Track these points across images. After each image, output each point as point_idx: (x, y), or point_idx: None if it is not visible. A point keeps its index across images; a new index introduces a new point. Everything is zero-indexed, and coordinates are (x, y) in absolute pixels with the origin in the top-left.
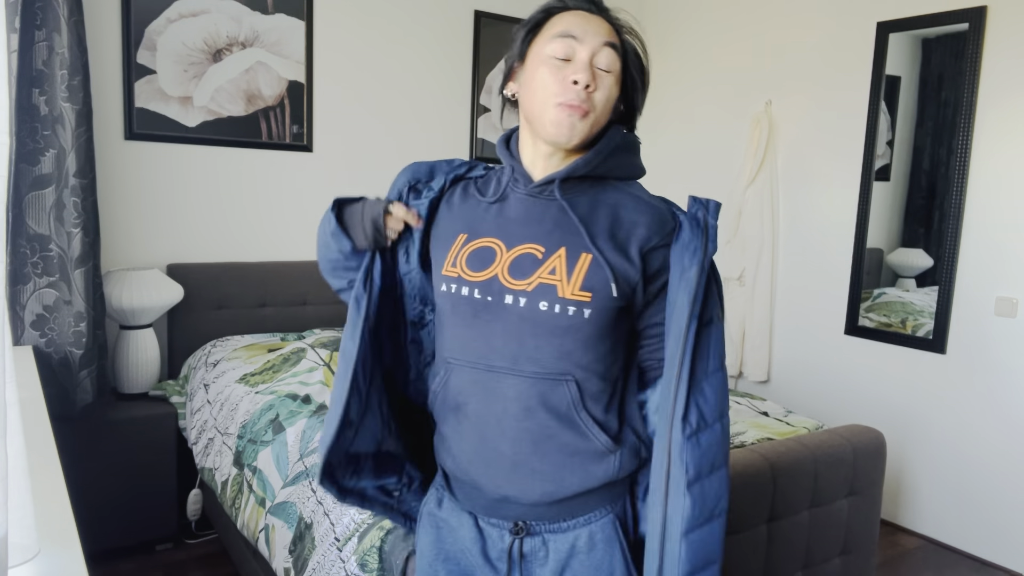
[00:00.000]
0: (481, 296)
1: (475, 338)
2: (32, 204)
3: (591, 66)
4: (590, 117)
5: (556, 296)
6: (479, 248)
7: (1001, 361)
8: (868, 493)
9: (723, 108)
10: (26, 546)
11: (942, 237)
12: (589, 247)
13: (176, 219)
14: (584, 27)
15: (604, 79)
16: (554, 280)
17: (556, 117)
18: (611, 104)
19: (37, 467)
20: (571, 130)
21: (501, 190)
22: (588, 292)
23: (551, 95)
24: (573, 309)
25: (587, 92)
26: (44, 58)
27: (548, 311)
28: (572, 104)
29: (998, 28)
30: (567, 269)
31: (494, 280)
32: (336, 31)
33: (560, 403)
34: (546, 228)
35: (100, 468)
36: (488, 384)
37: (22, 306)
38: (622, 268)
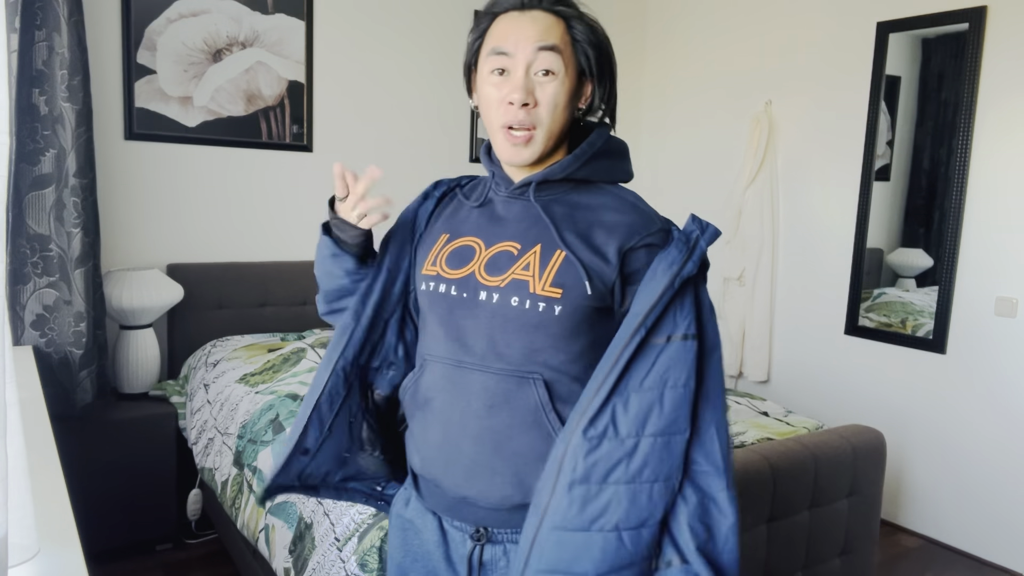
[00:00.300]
0: (457, 293)
1: (449, 334)
2: (32, 204)
3: (528, 78)
4: (537, 135)
5: (527, 292)
6: (459, 247)
7: (1001, 361)
8: (868, 493)
9: (723, 108)
10: (26, 546)
11: (942, 237)
12: (563, 245)
13: (176, 219)
14: (515, 36)
15: (546, 87)
16: (527, 276)
17: (502, 143)
18: (562, 107)
19: (37, 467)
20: (518, 156)
21: (485, 194)
22: (559, 288)
23: (495, 117)
24: (543, 305)
25: (527, 110)
26: (44, 58)
27: (519, 307)
28: (512, 127)
29: (998, 28)
30: (540, 265)
31: (471, 277)
32: (336, 31)
33: (526, 402)
34: (524, 226)
35: (100, 468)
36: (456, 380)
37: (22, 306)
38: (597, 267)
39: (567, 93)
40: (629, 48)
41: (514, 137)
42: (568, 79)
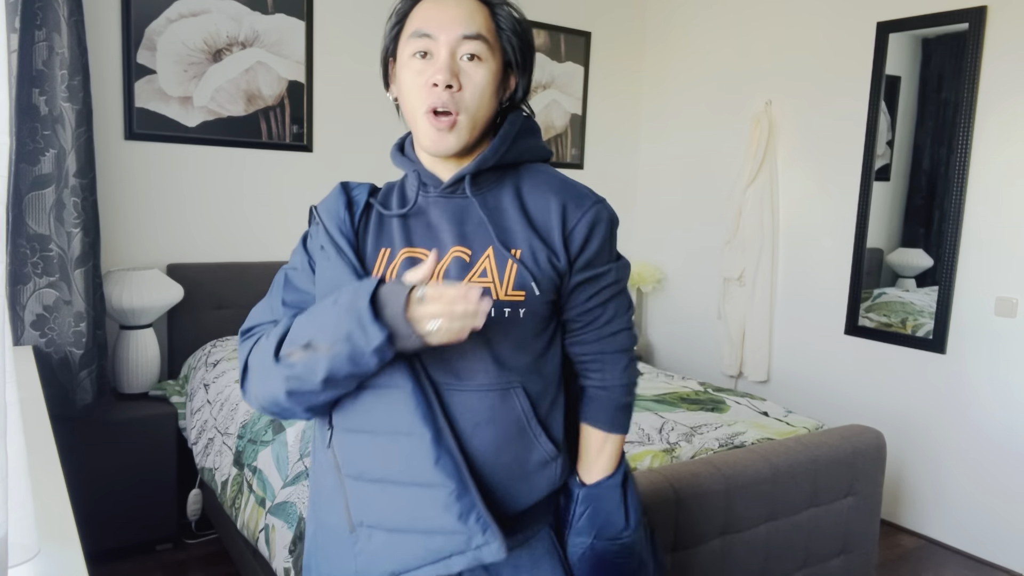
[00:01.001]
0: None
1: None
2: (32, 204)
3: (453, 61)
4: (461, 123)
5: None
6: (407, 259)
7: (1001, 361)
8: (868, 493)
9: (723, 108)
10: (26, 546)
11: (942, 237)
12: (518, 242)
13: (176, 219)
14: (440, 19)
15: (472, 72)
16: (486, 283)
17: (426, 128)
18: (488, 94)
19: (37, 467)
20: (443, 142)
21: (413, 198)
22: (521, 291)
23: (418, 102)
24: (509, 310)
25: (451, 93)
26: (44, 58)
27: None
28: (437, 110)
29: (998, 28)
30: (498, 269)
31: None
32: (336, 31)
33: (509, 413)
34: (469, 228)
35: (100, 468)
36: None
37: (22, 306)
38: (548, 258)
39: (494, 81)
40: (629, 48)
41: (439, 121)
42: (494, 66)
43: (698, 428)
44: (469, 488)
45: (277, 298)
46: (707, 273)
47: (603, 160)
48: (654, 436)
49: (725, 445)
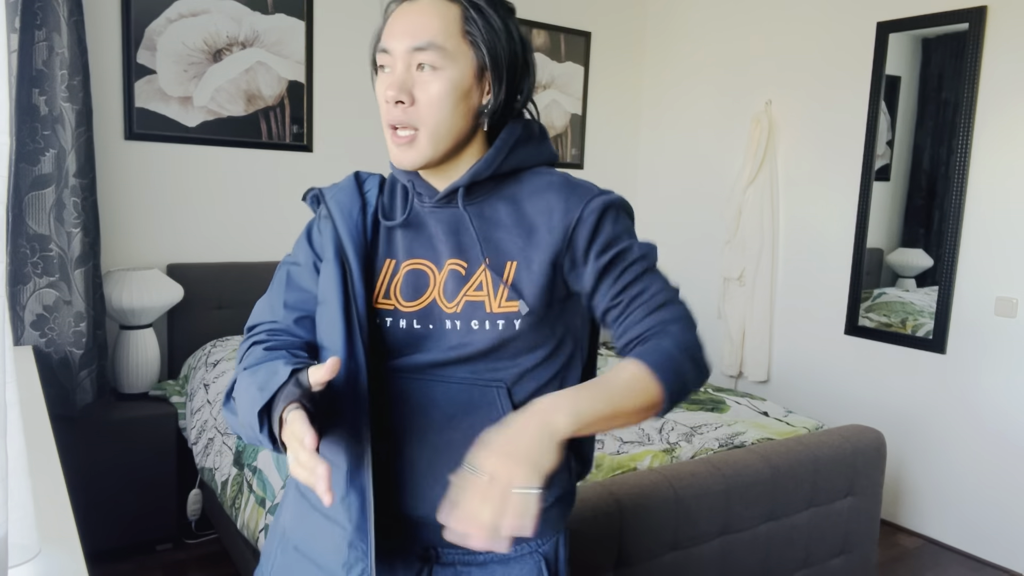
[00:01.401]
0: (421, 326)
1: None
2: (32, 204)
3: (407, 74)
4: (420, 138)
5: (484, 312)
6: (410, 271)
7: (1001, 361)
8: (868, 493)
9: (723, 108)
10: (26, 546)
11: (942, 237)
12: (513, 253)
13: (176, 219)
14: (395, 31)
15: (427, 85)
16: (480, 296)
17: (390, 146)
18: (449, 104)
19: (37, 467)
20: (403, 157)
21: (408, 206)
22: (515, 302)
23: (382, 118)
24: (503, 323)
25: (403, 108)
26: (44, 58)
27: (480, 330)
28: (394, 128)
29: (998, 28)
30: (492, 282)
31: (432, 306)
32: (336, 31)
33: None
34: (466, 240)
35: (100, 468)
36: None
37: (22, 306)
38: (549, 263)
39: (456, 91)
40: (629, 48)
41: (398, 138)
42: (457, 74)
43: (698, 428)
44: (366, 537)
45: (279, 298)
46: (707, 273)
47: (603, 160)
48: (654, 436)
49: (725, 445)
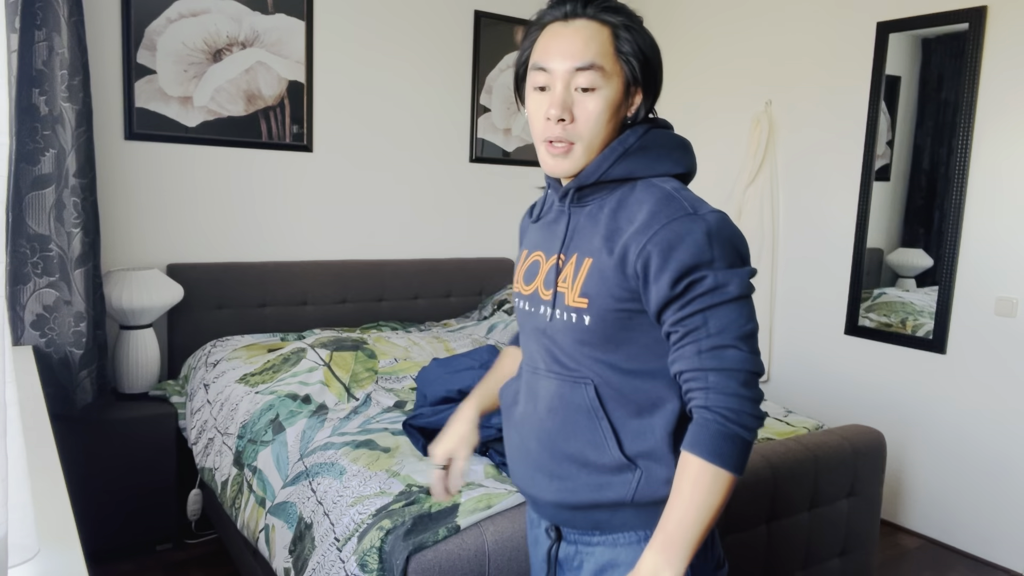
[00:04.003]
0: (531, 308)
1: (527, 345)
2: (32, 204)
3: (567, 94)
4: (576, 150)
5: (564, 303)
6: (530, 263)
7: (1001, 361)
8: (868, 493)
9: (723, 108)
10: (26, 545)
11: (942, 237)
12: (592, 251)
13: (176, 219)
14: (556, 52)
15: (586, 104)
16: (564, 287)
17: (543, 156)
18: (604, 120)
19: (37, 467)
20: (558, 167)
21: (545, 206)
22: (585, 298)
23: (537, 131)
24: (575, 316)
25: (563, 125)
26: (44, 58)
27: (560, 318)
28: (550, 141)
29: (998, 28)
30: (573, 275)
31: (535, 293)
32: (336, 31)
33: (579, 403)
34: (567, 236)
35: (100, 468)
36: (530, 384)
37: (22, 306)
38: (618, 269)
39: (610, 107)
40: None
41: (554, 148)
42: (612, 91)
43: None
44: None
45: None
46: None
47: None
48: None
49: None
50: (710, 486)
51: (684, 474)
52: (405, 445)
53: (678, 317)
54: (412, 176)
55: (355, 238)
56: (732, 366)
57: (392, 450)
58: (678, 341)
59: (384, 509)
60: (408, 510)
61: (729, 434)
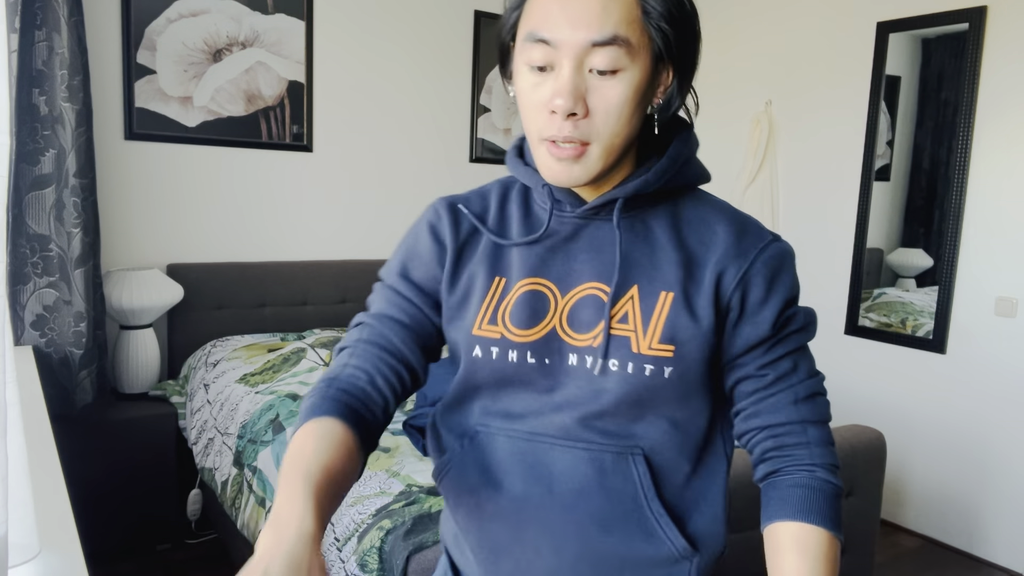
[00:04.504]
0: (536, 360)
1: (523, 408)
2: (32, 204)
3: (579, 77)
4: (591, 153)
5: (630, 352)
6: (525, 295)
7: (1001, 361)
8: (868, 493)
9: (723, 108)
10: (27, 545)
11: (942, 237)
12: (670, 283)
13: (176, 219)
14: (563, 18)
15: (605, 91)
16: (626, 330)
17: (545, 159)
18: (628, 112)
19: (37, 467)
20: (566, 174)
21: (546, 220)
22: (670, 344)
23: (534, 126)
24: (651, 368)
25: (575, 121)
26: (44, 58)
27: (620, 371)
28: (555, 142)
29: (998, 28)
30: (642, 314)
31: (552, 336)
32: (336, 31)
33: (624, 485)
34: (609, 259)
35: (100, 468)
36: (532, 456)
37: (22, 306)
38: (711, 305)
39: (636, 94)
40: None
41: (560, 150)
42: (638, 73)
43: None
44: None
45: None
46: None
47: None
48: None
49: None
50: (837, 562)
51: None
52: (405, 445)
53: (768, 360)
54: (412, 176)
55: (355, 238)
56: (826, 417)
57: (392, 450)
58: (766, 389)
59: (384, 509)
60: (408, 510)
61: (839, 495)
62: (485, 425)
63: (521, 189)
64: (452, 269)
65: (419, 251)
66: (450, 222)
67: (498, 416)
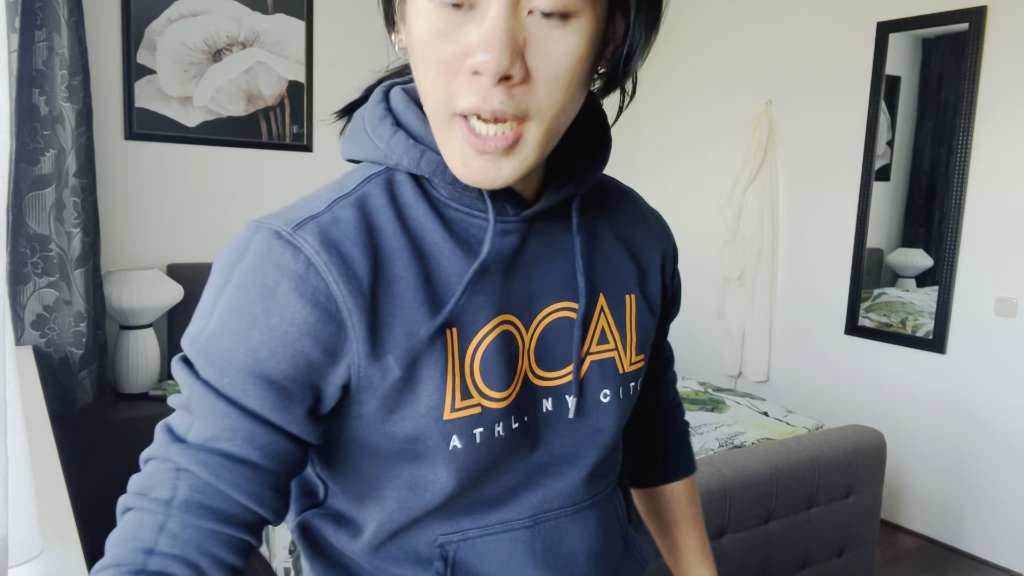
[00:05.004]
0: (519, 424)
1: (502, 489)
2: (32, 204)
3: (515, 20)
4: (527, 137)
5: (617, 374)
6: (495, 342)
7: (1001, 361)
8: (868, 493)
9: (723, 108)
10: (29, 545)
11: (942, 237)
12: (629, 284)
13: (176, 219)
14: None
15: (549, 43)
16: (607, 351)
17: (458, 149)
18: (579, 79)
19: (37, 467)
20: (491, 175)
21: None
22: (641, 354)
23: (440, 94)
24: (633, 385)
25: (508, 87)
26: (44, 58)
27: (611, 401)
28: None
29: (998, 28)
30: (617, 327)
31: (523, 383)
32: (336, 31)
33: (616, 523)
34: (565, 270)
35: (100, 468)
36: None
37: (22, 306)
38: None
39: (592, 51)
40: None
41: (483, 140)
42: (593, 22)
43: (698, 428)
44: None
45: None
46: (707, 273)
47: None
48: None
49: (725, 445)
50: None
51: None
52: None
53: (660, 336)
54: None
55: None
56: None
57: None
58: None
59: None
60: None
61: (688, 437)
62: (460, 532)
63: (410, 183)
64: (371, 340)
65: (288, 332)
66: (340, 272)
67: (471, 512)
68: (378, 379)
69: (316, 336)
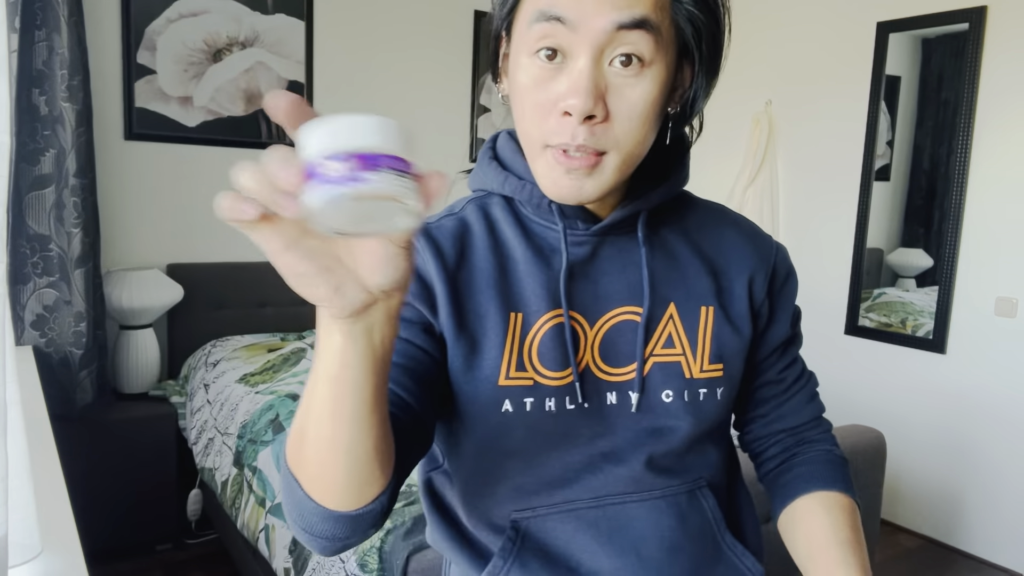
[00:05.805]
0: (575, 406)
1: (566, 469)
2: (32, 204)
3: (598, 71)
4: (606, 164)
5: (683, 378)
6: (552, 330)
7: (1001, 361)
8: (868, 493)
9: (723, 108)
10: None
11: (942, 237)
12: (706, 296)
13: (176, 219)
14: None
15: (628, 90)
16: (674, 355)
17: (549, 171)
18: (652, 117)
19: (37, 467)
20: (576, 192)
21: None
22: (719, 363)
23: (537, 131)
24: (704, 392)
25: (591, 126)
26: (44, 58)
27: (675, 401)
28: (565, 151)
29: (998, 28)
30: (687, 334)
31: (586, 374)
32: (336, 31)
33: (702, 525)
34: (635, 279)
35: (100, 468)
36: (606, 523)
37: (22, 306)
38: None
39: (662, 95)
40: None
41: (571, 160)
42: (663, 70)
43: None
44: None
45: None
46: None
47: None
48: None
49: None
50: (859, 528)
51: (849, 516)
52: None
53: (785, 363)
54: None
55: None
56: (824, 410)
57: None
58: (785, 391)
59: None
60: (408, 510)
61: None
62: (530, 509)
63: (503, 204)
64: (451, 310)
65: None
66: (432, 253)
67: (539, 491)
68: (453, 339)
69: (414, 296)
